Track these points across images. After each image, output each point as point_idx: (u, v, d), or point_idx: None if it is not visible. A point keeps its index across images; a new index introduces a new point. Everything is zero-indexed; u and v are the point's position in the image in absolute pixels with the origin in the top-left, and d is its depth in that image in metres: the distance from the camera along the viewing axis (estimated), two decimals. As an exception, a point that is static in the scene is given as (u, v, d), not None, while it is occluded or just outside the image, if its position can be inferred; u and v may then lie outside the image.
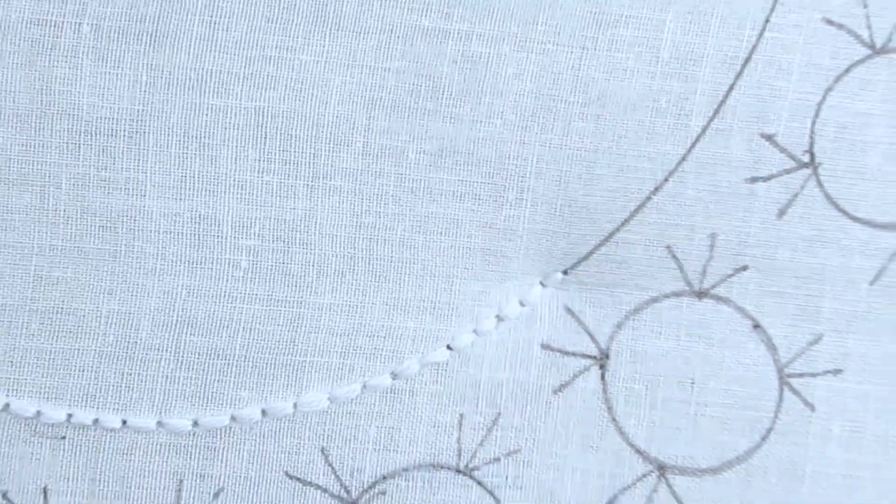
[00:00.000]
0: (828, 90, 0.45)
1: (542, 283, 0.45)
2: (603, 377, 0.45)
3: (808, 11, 0.45)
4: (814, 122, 0.45)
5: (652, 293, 0.45)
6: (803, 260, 0.46)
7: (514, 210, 0.44)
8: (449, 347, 0.45)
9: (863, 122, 0.45)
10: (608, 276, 0.45)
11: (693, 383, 0.46)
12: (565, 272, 0.45)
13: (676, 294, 0.45)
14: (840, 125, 0.45)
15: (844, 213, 0.46)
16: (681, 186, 0.45)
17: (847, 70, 0.45)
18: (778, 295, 0.46)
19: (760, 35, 0.45)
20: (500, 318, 0.45)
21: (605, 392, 0.46)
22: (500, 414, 0.45)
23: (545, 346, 0.45)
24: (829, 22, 0.45)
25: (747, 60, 0.45)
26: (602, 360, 0.45)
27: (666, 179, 0.45)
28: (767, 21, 0.45)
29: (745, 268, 0.45)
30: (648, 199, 0.45)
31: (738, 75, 0.45)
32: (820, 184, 0.46)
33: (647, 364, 0.45)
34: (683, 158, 0.45)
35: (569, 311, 0.45)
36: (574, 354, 0.45)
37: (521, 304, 0.45)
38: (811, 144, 0.45)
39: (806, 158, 0.46)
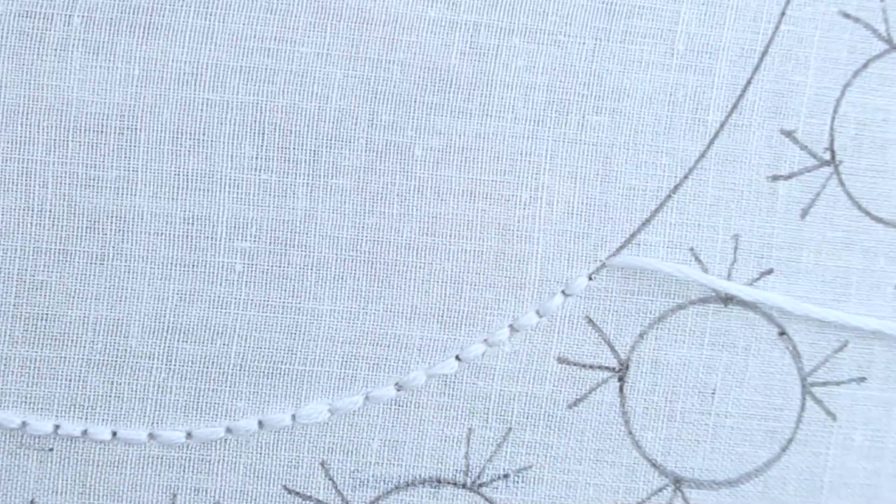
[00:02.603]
0: (846, 86, 0.44)
1: (563, 293, 0.43)
2: (621, 389, 0.44)
3: (824, 4, 0.44)
4: (833, 119, 0.44)
5: (678, 300, 0.43)
6: (828, 262, 0.44)
7: (528, 210, 0.42)
8: (458, 358, 0.43)
9: (882, 119, 0.44)
10: (632, 282, 0.43)
11: (714, 393, 0.44)
12: (590, 277, 0.43)
13: (703, 300, 0.43)
14: (860, 122, 0.44)
15: (867, 213, 0.44)
16: (701, 184, 0.43)
17: (865, 65, 0.44)
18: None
19: (776, 28, 0.43)
20: (513, 329, 0.43)
21: (622, 405, 0.44)
22: (510, 429, 0.43)
23: (562, 360, 0.43)
24: (846, 15, 0.44)
25: (764, 54, 0.43)
26: (622, 371, 0.43)
27: (686, 177, 0.43)
28: (783, 14, 0.43)
29: (770, 271, 0.44)
30: (669, 197, 0.43)
31: (756, 69, 0.43)
32: (841, 182, 0.44)
33: (668, 374, 0.44)
34: (703, 155, 0.43)
35: (590, 321, 0.43)
36: (592, 367, 0.43)
37: (539, 314, 0.43)
38: (831, 142, 0.44)
39: (827, 156, 0.44)
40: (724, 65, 0.43)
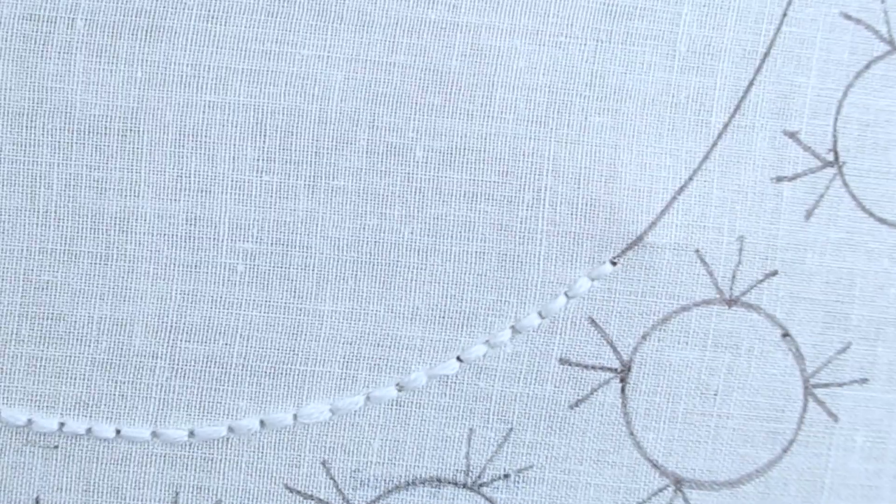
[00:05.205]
0: (849, 87, 0.44)
1: (566, 294, 0.43)
2: (623, 390, 0.44)
3: (825, 6, 0.44)
4: (836, 120, 0.44)
5: (682, 302, 0.43)
6: (832, 264, 0.44)
7: (531, 211, 0.43)
8: (459, 359, 0.43)
9: (885, 120, 0.44)
10: (637, 284, 0.43)
11: (716, 395, 0.44)
12: (593, 279, 0.43)
13: (707, 302, 0.43)
14: (863, 123, 0.44)
15: (871, 214, 0.44)
16: (706, 186, 0.43)
17: (867, 66, 0.44)
18: (808, 301, 0.44)
19: (778, 29, 0.43)
20: (515, 330, 0.43)
21: (624, 406, 0.44)
22: (511, 429, 0.44)
23: (563, 361, 0.43)
24: (847, 17, 0.44)
25: (766, 55, 0.43)
26: (624, 372, 0.44)
27: (691, 178, 0.43)
28: (785, 15, 0.43)
29: (774, 273, 0.44)
30: (674, 199, 0.43)
31: (758, 70, 0.43)
32: (845, 184, 0.44)
33: (670, 376, 0.44)
34: (707, 156, 0.43)
35: (593, 322, 0.43)
36: (594, 368, 0.43)
37: (541, 315, 0.43)
38: (834, 143, 0.44)
39: (830, 157, 0.44)
40: (727, 66, 0.43)
